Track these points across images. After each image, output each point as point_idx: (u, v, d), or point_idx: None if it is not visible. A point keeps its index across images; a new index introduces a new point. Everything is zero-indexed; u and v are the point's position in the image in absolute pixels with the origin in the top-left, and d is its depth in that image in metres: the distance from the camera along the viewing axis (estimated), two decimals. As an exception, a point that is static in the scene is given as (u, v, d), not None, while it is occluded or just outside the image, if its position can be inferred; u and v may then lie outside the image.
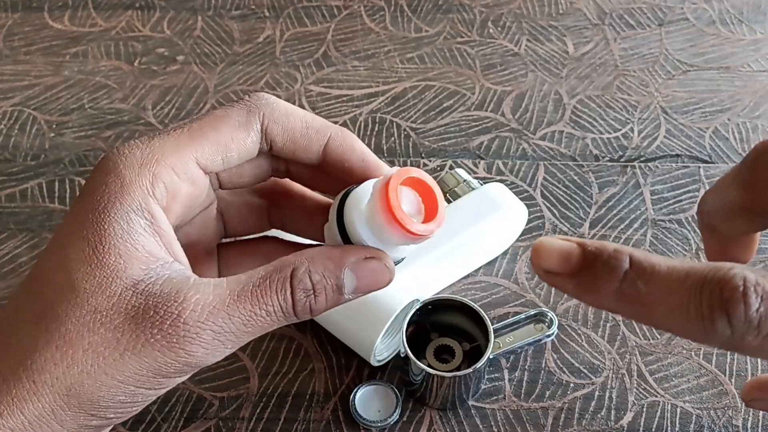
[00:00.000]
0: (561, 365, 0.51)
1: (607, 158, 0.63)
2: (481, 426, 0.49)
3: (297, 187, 0.35)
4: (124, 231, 0.28)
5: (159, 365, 0.28)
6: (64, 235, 0.29)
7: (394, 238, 0.30)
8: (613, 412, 0.49)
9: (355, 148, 0.32)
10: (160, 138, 0.30)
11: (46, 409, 0.28)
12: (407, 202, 0.30)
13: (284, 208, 0.36)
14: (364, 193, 0.30)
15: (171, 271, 0.29)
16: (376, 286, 0.30)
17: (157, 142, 0.29)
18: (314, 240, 0.35)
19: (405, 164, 0.63)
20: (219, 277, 0.34)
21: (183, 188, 0.30)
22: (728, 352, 0.52)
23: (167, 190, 0.29)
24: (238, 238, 0.37)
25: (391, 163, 0.63)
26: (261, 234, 0.37)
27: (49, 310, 0.28)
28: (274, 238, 0.36)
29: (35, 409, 0.27)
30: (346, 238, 0.30)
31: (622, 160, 0.63)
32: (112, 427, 0.32)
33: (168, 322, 0.27)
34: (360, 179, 0.32)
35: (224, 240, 0.36)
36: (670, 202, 0.60)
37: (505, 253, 0.57)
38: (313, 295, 0.29)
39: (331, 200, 0.33)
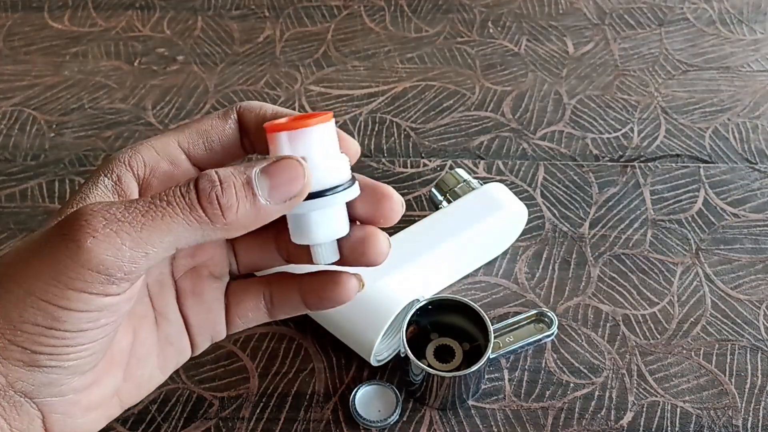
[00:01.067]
0: (561, 365, 0.51)
1: (607, 158, 0.63)
2: (481, 426, 0.49)
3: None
4: (89, 189, 0.31)
5: (57, 266, 0.27)
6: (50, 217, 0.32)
7: (286, 146, 0.30)
8: (613, 412, 0.49)
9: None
10: (158, 136, 0.33)
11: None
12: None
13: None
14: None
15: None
16: (291, 186, 0.29)
17: (144, 139, 0.33)
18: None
19: (405, 164, 0.63)
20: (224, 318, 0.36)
21: (162, 165, 0.32)
22: (728, 353, 0.52)
23: (145, 164, 0.32)
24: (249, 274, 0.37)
25: (391, 164, 0.63)
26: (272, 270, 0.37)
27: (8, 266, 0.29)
28: (284, 272, 0.36)
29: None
30: None
31: (622, 160, 0.63)
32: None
33: (68, 223, 0.27)
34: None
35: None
36: (670, 202, 0.60)
37: (505, 253, 0.57)
38: (219, 187, 0.28)
39: None
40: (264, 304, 0.36)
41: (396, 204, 0.33)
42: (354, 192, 0.31)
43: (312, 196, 0.30)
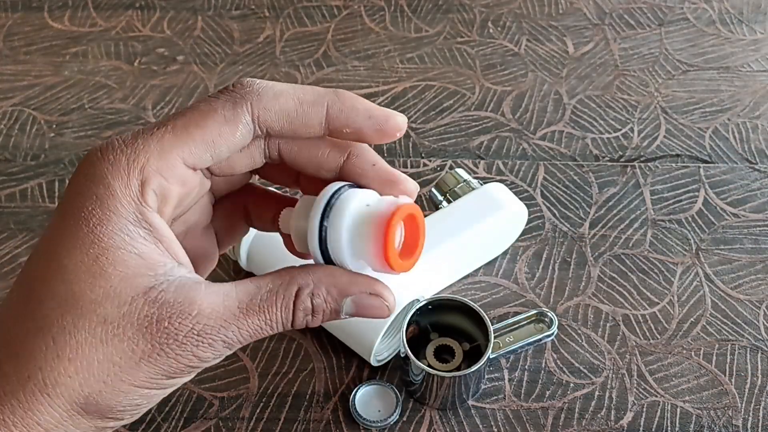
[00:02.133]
0: (561, 365, 0.51)
1: (607, 158, 0.63)
2: (481, 426, 0.49)
3: (263, 189, 0.36)
4: (125, 242, 0.28)
5: (172, 369, 0.29)
6: (56, 244, 0.28)
7: (374, 268, 0.30)
8: (613, 412, 0.49)
9: (358, 109, 0.31)
10: (143, 139, 0.29)
11: (63, 417, 0.28)
12: (395, 249, 0.30)
13: (257, 210, 0.36)
14: (347, 207, 0.29)
15: (179, 277, 0.29)
16: (372, 317, 0.31)
17: (141, 144, 0.28)
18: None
19: (405, 164, 0.63)
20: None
21: (173, 191, 0.29)
22: (728, 353, 0.52)
23: (157, 195, 0.29)
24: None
25: (391, 164, 0.63)
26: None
27: (54, 322, 0.28)
28: (250, 187, 0.36)
29: (51, 418, 0.28)
30: (324, 248, 0.30)
31: (622, 160, 0.63)
32: None
33: (183, 333, 0.28)
34: (372, 137, 0.31)
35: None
36: (670, 202, 0.60)
37: (505, 253, 0.57)
38: (311, 315, 0.30)
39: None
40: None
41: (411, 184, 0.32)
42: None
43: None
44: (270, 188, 0.36)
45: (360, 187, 0.31)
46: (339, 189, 0.30)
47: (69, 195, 0.29)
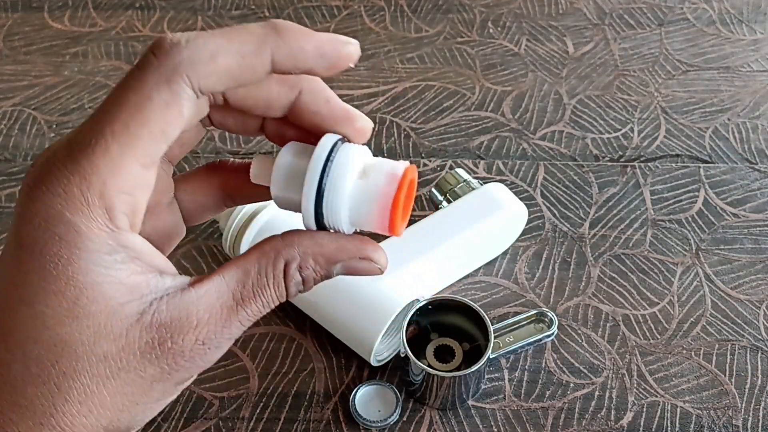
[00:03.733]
0: (561, 365, 0.51)
1: (607, 158, 0.63)
2: (481, 426, 0.49)
3: (237, 162, 0.33)
4: (103, 275, 0.26)
5: (184, 378, 0.28)
6: (24, 290, 0.26)
7: (373, 230, 0.29)
8: (613, 412, 0.49)
9: (307, 50, 0.27)
10: (87, 160, 0.25)
11: None
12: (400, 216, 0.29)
13: (233, 186, 0.34)
14: (345, 166, 0.28)
15: (166, 290, 0.27)
16: (364, 275, 0.30)
17: (86, 167, 0.25)
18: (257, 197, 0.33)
19: (405, 164, 0.63)
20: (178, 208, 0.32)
21: (140, 201, 0.27)
22: (728, 353, 0.52)
23: (127, 215, 0.26)
24: (190, 173, 0.34)
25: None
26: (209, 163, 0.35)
27: (50, 368, 0.26)
28: (224, 164, 0.33)
29: None
30: (319, 213, 0.28)
31: (622, 160, 0.63)
32: None
33: (189, 348, 0.27)
34: (323, 72, 0.28)
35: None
36: (670, 202, 0.60)
37: (505, 253, 0.57)
38: (303, 286, 0.30)
39: None
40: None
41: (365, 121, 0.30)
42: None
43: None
44: (245, 161, 0.33)
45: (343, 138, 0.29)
46: (332, 148, 0.28)
47: (22, 236, 0.26)
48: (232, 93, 0.28)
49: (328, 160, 0.27)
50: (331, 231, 0.29)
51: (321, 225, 0.29)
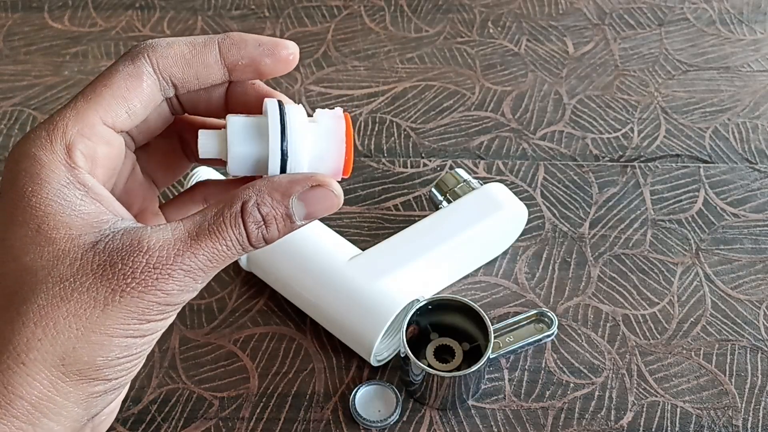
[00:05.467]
0: (561, 365, 0.51)
1: (607, 158, 0.63)
2: (481, 426, 0.49)
3: (196, 118, 0.36)
4: (63, 207, 0.28)
5: (142, 309, 0.29)
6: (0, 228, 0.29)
7: (330, 170, 0.31)
8: (613, 412, 0.49)
9: (246, 40, 0.32)
10: (59, 112, 0.30)
11: (44, 385, 0.28)
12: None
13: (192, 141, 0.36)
14: (298, 113, 0.31)
15: (124, 226, 0.29)
16: (325, 211, 0.31)
17: (57, 116, 0.30)
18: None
19: (405, 164, 0.63)
20: None
21: (99, 150, 0.30)
22: (728, 352, 0.52)
23: (86, 157, 0.30)
24: (175, 197, 0.38)
25: (391, 164, 0.63)
26: (193, 184, 0.38)
27: (14, 297, 0.28)
28: (207, 182, 0.37)
29: (33, 389, 0.28)
30: (283, 170, 0.31)
31: (622, 160, 0.63)
32: (120, 397, 0.33)
33: (139, 270, 0.28)
34: (268, 65, 0.32)
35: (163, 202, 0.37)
36: (670, 202, 0.60)
37: (505, 253, 0.57)
38: (264, 226, 0.30)
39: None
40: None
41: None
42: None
43: None
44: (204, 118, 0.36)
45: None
46: (281, 108, 0.31)
47: (3, 180, 0.30)
48: (187, 99, 0.33)
49: (281, 111, 0.30)
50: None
51: (284, 170, 0.31)
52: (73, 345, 0.28)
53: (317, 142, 0.31)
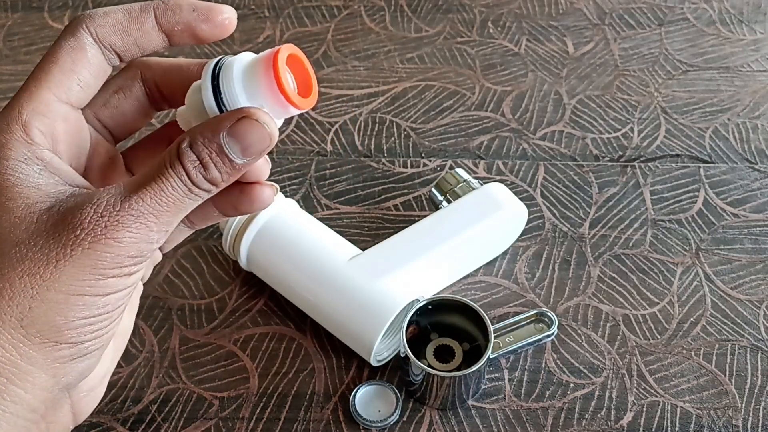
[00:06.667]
0: (561, 365, 0.51)
1: (607, 158, 0.63)
2: (481, 426, 0.49)
3: (156, 60, 0.36)
4: (21, 180, 0.29)
5: (96, 262, 0.29)
6: None
7: (273, 111, 0.31)
8: (613, 412, 0.49)
9: (181, 5, 0.32)
10: (15, 96, 0.31)
11: (6, 348, 0.28)
12: (287, 78, 0.31)
13: (158, 87, 0.36)
14: (239, 63, 0.31)
15: (78, 193, 0.30)
16: (260, 144, 0.30)
17: (13, 100, 0.31)
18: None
19: (405, 164, 0.63)
20: None
21: (58, 127, 0.31)
22: (728, 352, 0.52)
23: (44, 134, 0.30)
24: (142, 139, 0.38)
25: (391, 164, 0.63)
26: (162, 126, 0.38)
27: None
28: (174, 123, 0.37)
29: None
30: (219, 102, 0.31)
31: (622, 160, 0.63)
32: (100, 373, 0.33)
33: (87, 220, 0.28)
34: (205, 30, 0.33)
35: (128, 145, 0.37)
36: (670, 202, 0.60)
37: (505, 253, 0.57)
38: (200, 165, 0.30)
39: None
40: (185, 221, 0.36)
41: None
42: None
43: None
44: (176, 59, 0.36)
45: None
46: (220, 57, 0.32)
47: None
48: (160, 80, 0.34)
49: (218, 60, 0.32)
50: None
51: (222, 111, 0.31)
52: (29, 304, 0.28)
53: (248, 74, 0.31)
